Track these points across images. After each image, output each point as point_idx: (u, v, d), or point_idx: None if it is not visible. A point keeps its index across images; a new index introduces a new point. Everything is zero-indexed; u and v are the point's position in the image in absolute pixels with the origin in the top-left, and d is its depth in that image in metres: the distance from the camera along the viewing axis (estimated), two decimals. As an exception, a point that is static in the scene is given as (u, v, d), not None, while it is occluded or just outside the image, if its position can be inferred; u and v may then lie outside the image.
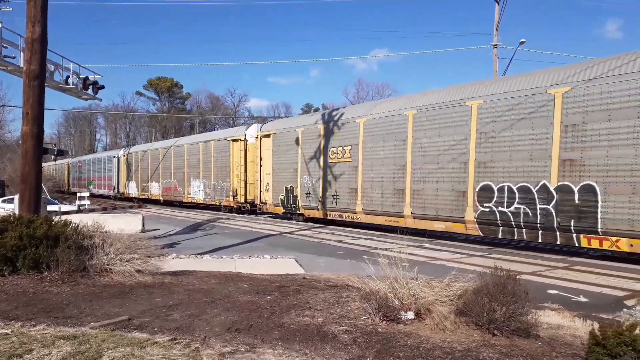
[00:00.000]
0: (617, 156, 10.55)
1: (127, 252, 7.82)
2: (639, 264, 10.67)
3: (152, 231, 15.65)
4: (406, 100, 16.11)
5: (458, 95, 14.10)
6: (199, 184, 28.18)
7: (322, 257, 11.22)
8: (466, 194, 13.57)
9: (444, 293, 5.43)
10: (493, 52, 26.54)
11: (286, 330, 5.01)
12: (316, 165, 19.24)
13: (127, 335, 4.74)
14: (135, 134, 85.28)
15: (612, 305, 7.24)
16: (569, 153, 11.37)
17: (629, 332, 3.79)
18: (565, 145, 11.44)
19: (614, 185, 10.59)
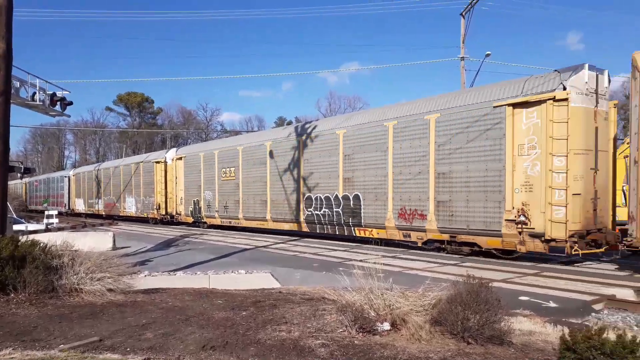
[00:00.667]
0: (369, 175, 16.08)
1: (97, 271, 7.63)
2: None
3: (123, 249, 15.32)
4: (268, 134, 23.52)
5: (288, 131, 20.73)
6: (132, 200, 32.76)
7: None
8: (300, 202, 18.98)
9: (418, 303, 5.48)
10: (460, 65, 27.21)
11: (262, 346, 4.97)
12: (213, 183, 24.50)
13: (98, 357, 4.62)
14: (105, 150, 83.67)
15: (580, 310, 7.44)
16: (347, 173, 17.00)
17: (598, 336, 3.90)
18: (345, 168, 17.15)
19: (367, 195, 16.09)
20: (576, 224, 11.40)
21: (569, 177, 11.30)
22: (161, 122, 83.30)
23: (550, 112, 11.45)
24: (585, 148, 11.60)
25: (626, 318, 7.05)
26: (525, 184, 11.95)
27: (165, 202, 28.68)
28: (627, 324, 6.69)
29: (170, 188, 28.26)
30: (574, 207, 11.33)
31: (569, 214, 11.22)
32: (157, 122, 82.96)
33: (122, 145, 77.92)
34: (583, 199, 11.55)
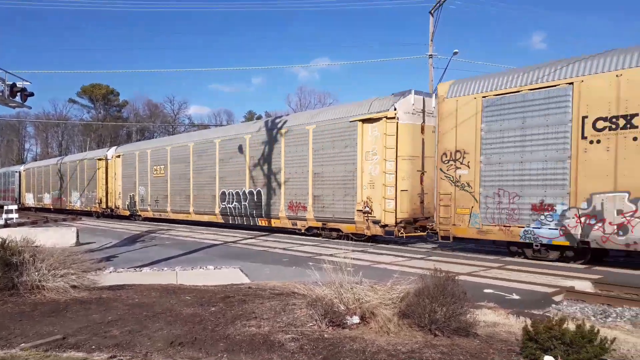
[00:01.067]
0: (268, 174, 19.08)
1: (60, 267, 7.42)
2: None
3: (87, 244, 14.94)
4: (193, 135, 26.65)
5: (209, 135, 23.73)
6: (77, 194, 34.76)
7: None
8: (215, 197, 21.75)
9: (387, 296, 5.55)
10: (429, 62, 27.59)
11: (232, 341, 4.94)
12: (146, 179, 26.81)
13: (61, 356, 4.51)
14: (68, 143, 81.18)
15: (541, 302, 7.69)
16: (251, 172, 19.88)
17: (559, 326, 4.05)
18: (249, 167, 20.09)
19: (267, 190, 19.04)
20: (404, 213, 14.77)
21: (398, 177, 14.66)
22: (127, 115, 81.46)
23: (384, 127, 14.77)
24: (411, 155, 14.90)
25: (584, 309, 7.32)
26: (370, 182, 15.28)
27: (106, 197, 30.77)
28: (585, 315, 6.96)
29: (111, 183, 30.35)
30: (401, 201, 14.68)
31: (397, 205, 14.61)
32: (122, 115, 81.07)
33: (86, 139, 75.80)
34: (410, 194, 14.84)
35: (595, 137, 10.46)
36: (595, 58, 10.75)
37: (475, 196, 12.46)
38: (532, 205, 11.46)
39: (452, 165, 12.97)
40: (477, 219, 12.40)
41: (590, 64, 10.69)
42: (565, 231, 10.88)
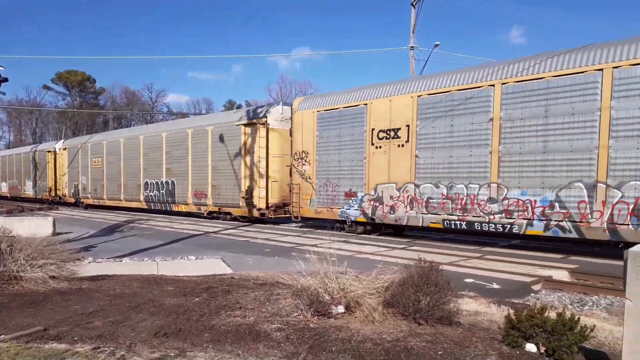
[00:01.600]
0: (179, 167, 22.93)
1: (39, 258, 7.27)
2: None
3: (64, 234, 14.67)
4: (123, 132, 32.42)
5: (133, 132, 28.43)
6: (30, 183, 37.56)
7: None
8: (140, 186, 25.37)
9: (372, 286, 5.60)
10: (410, 54, 27.66)
11: (217, 331, 4.92)
12: (87, 170, 30.31)
13: (43, 347, 4.43)
14: (43, 131, 79.28)
15: (521, 291, 7.86)
16: (168, 165, 23.65)
17: (540, 315, 4.14)
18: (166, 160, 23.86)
19: (178, 180, 22.88)
20: (274, 199, 18.85)
21: (269, 171, 18.73)
22: (103, 103, 79.89)
23: (259, 131, 18.68)
24: (280, 153, 18.83)
25: (562, 297, 7.51)
26: (250, 175, 19.10)
27: (55, 186, 34.00)
28: (563, 303, 7.13)
29: (59, 174, 33.61)
30: (272, 190, 18.79)
31: (268, 194, 18.70)
32: (99, 102, 79.47)
33: (62, 126, 74.09)
34: (280, 184, 18.84)
35: (378, 144, 14.57)
36: (380, 87, 14.90)
37: (314, 186, 16.49)
38: (345, 193, 15.59)
39: (300, 162, 16.99)
40: (315, 203, 16.51)
41: (378, 91, 14.84)
42: (363, 211, 15.01)
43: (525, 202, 11.47)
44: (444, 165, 13.02)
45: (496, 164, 11.92)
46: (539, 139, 11.20)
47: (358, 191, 15.09)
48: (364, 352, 4.29)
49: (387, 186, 14.26)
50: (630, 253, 3.07)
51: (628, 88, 10.03)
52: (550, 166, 11.06)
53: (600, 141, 10.34)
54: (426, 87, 13.51)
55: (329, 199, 16.03)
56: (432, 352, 4.29)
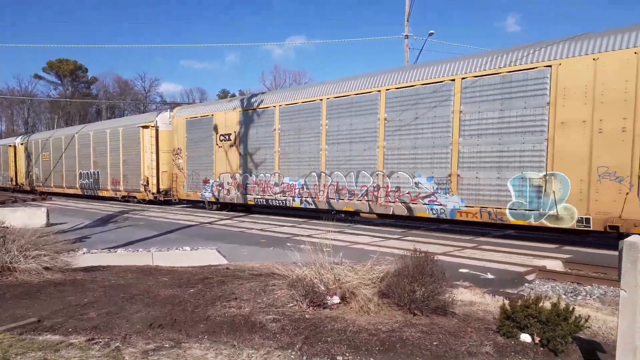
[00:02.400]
0: (102, 160, 27.69)
1: (32, 249, 7.22)
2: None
3: (58, 225, 14.60)
4: (61, 132, 35.79)
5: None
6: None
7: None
8: (76, 176, 30.27)
9: (367, 276, 5.60)
10: (404, 43, 27.54)
11: (212, 322, 4.92)
12: (39, 162, 34.86)
13: (37, 339, 4.41)
14: (35, 121, 78.58)
15: (515, 281, 7.89)
16: (94, 158, 28.52)
17: (535, 305, 4.16)
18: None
19: (102, 171, 27.67)
20: (164, 186, 23.52)
21: (160, 164, 23.49)
22: (96, 92, 79.19)
23: (151, 132, 23.59)
24: (169, 149, 23.07)
25: (555, 287, 7.55)
26: (147, 166, 23.83)
27: (16, 176, 38.67)
28: (557, 293, 7.18)
29: (19, 165, 38.36)
30: (162, 178, 23.52)
31: (159, 181, 23.57)
32: (91, 92, 78.77)
33: (54, 116, 73.46)
34: (169, 174, 23.23)
35: (220, 144, 19.85)
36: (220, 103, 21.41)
37: (185, 175, 21.77)
38: (203, 180, 20.78)
39: (177, 157, 22.21)
40: (186, 188, 21.77)
41: (220, 106, 20.59)
42: (213, 194, 20.21)
43: (291, 185, 17.04)
44: (255, 161, 18.47)
45: (277, 160, 17.53)
46: (301, 144, 16.75)
47: (210, 179, 20.42)
48: (360, 343, 4.30)
49: (226, 175, 19.73)
50: (625, 243, 3.08)
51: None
52: (302, 161, 16.67)
53: (322, 145, 15.93)
54: (245, 105, 19.02)
55: (194, 185, 21.39)
56: (428, 343, 4.30)
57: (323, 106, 15.83)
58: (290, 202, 16.98)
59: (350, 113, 15.07)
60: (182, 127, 21.85)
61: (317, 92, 16.38)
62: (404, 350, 4.17)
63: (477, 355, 4.04)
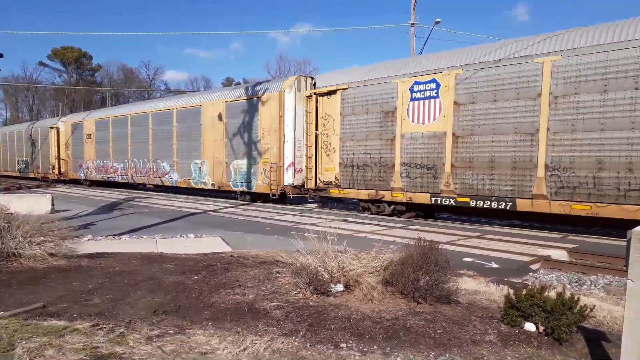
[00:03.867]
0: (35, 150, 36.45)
1: (37, 235, 7.24)
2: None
3: (63, 212, 14.66)
4: (6, 129, 46.04)
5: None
6: None
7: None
8: (15, 162, 39.62)
9: (371, 265, 5.59)
10: (410, 31, 27.27)
11: (216, 309, 4.93)
12: (22, 151, 39.94)
13: (42, 324, 4.43)
14: (40, 108, 78.68)
15: (519, 270, 7.88)
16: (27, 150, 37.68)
17: (540, 294, 4.13)
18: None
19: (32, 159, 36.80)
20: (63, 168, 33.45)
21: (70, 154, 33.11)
22: (100, 80, 79.09)
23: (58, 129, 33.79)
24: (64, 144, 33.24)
25: (560, 277, 7.54)
26: (63, 156, 33.27)
27: None
28: (561, 282, 7.16)
29: None
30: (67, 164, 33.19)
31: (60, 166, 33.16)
32: (96, 79, 78.65)
33: (59, 103, 73.47)
34: None
35: (87, 140, 30.22)
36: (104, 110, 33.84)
37: (83, 163, 30.64)
38: (79, 165, 31.34)
39: (67, 147, 32.56)
40: (72, 170, 32.07)
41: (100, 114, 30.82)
42: (85, 175, 30.72)
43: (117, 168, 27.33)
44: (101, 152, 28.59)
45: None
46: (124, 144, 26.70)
47: (82, 164, 30.47)
48: (363, 330, 4.30)
49: (90, 161, 29.81)
50: (634, 233, 3.03)
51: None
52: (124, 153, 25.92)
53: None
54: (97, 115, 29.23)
55: (82, 170, 30.69)
56: (431, 331, 4.30)
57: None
58: (117, 179, 27.44)
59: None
60: (68, 129, 32.17)
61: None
62: (407, 338, 4.16)
63: (481, 344, 4.03)
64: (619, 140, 10.08)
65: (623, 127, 10.02)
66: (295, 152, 17.59)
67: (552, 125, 10.97)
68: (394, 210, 14.61)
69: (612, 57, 10.16)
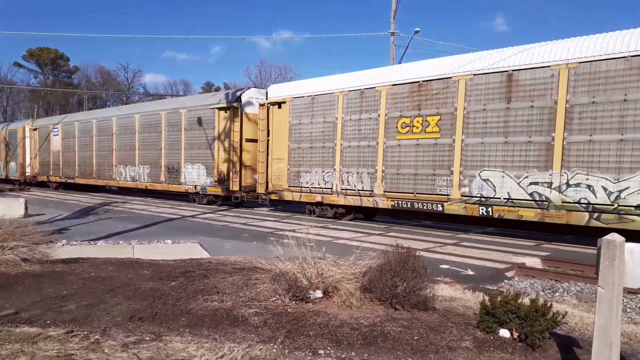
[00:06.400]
0: None
1: (10, 239, 7.09)
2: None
3: (36, 216, 14.33)
4: None
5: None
6: None
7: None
8: None
9: (350, 271, 5.63)
10: (390, 40, 27.60)
11: (194, 316, 4.89)
12: None
13: (14, 331, 4.33)
14: (14, 110, 76.81)
15: (494, 277, 8.01)
16: None
17: (514, 301, 4.22)
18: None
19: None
20: (33, 171, 32.89)
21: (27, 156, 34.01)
22: (77, 82, 77.74)
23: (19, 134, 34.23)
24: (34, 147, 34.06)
25: (534, 284, 7.70)
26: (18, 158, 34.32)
27: None
28: (535, 290, 7.31)
29: None
30: (32, 165, 33.63)
31: (27, 168, 33.54)
32: (73, 81, 77.28)
33: (34, 105, 71.89)
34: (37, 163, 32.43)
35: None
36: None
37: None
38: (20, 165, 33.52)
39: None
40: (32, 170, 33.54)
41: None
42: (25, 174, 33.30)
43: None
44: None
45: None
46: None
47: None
48: (341, 337, 4.32)
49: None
50: (603, 241, 3.14)
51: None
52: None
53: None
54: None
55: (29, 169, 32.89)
56: (408, 337, 4.34)
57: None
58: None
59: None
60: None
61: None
62: (385, 344, 4.20)
63: (457, 350, 4.10)
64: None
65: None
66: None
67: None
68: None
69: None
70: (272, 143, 17.03)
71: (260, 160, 17.45)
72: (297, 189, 16.19)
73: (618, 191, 9.53)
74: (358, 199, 14.44)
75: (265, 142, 17.23)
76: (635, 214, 9.35)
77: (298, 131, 16.14)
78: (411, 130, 13.04)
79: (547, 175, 10.56)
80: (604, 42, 9.99)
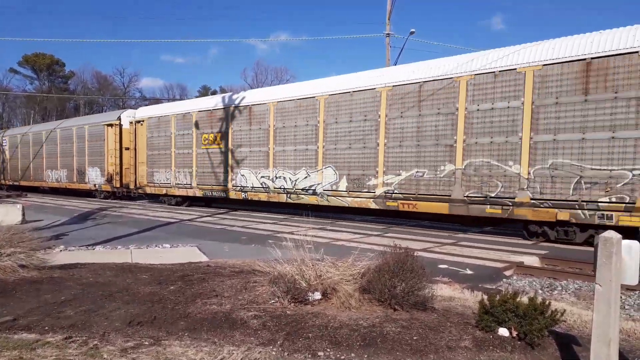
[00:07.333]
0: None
1: (7, 246, 7.06)
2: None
3: (34, 222, 14.30)
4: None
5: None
6: None
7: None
8: None
9: (348, 272, 5.62)
10: (386, 41, 27.62)
11: (193, 320, 4.88)
12: None
13: (13, 337, 4.32)
14: (10, 116, 76.62)
15: (493, 276, 8.02)
16: None
17: (513, 300, 4.23)
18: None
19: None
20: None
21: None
22: (74, 87, 77.60)
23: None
24: None
25: (532, 283, 7.70)
26: None
27: None
28: (533, 288, 7.32)
29: None
30: None
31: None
32: (69, 87, 77.14)
33: (30, 111, 71.79)
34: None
35: None
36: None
37: None
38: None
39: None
40: None
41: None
42: None
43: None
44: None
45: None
46: None
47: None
48: (341, 338, 4.32)
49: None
50: (600, 238, 3.15)
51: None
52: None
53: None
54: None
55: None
56: (408, 337, 4.34)
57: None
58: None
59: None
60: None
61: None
62: (384, 345, 4.20)
63: (456, 350, 4.10)
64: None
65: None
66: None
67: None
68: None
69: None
70: (137, 151, 23.67)
71: (131, 163, 24.03)
72: (152, 185, 22.68)
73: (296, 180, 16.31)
74: (185, 190, 20.92)
75: (134, 150, 23.75)
76: (303, 194, 15.93)
77: (152, 142, 22.66)
78: (209, 143, 19.61)
79: (269, 171, 17.22)
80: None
